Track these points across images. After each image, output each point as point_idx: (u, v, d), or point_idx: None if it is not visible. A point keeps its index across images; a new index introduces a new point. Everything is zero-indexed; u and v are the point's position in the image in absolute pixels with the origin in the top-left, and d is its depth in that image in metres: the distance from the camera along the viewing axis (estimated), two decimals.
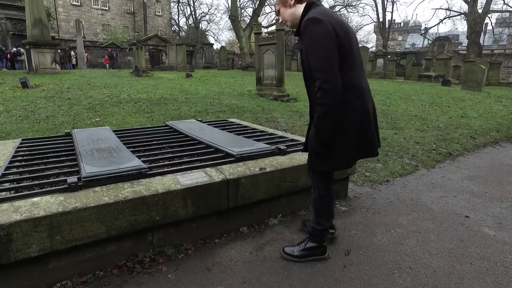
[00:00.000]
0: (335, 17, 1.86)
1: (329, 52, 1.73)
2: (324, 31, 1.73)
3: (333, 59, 1.74)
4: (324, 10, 1.85)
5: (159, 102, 7.35)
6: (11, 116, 5.89)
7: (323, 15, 1.77)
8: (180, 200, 2.19)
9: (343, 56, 1.79)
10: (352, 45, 1.85)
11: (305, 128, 5.82)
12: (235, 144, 2.96)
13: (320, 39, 1.74)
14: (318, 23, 1.75)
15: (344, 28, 1.82)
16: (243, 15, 42.02)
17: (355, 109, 1.85)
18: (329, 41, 1.74)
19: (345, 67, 1.79)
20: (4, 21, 22.26)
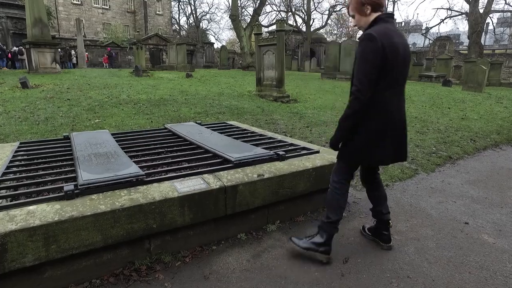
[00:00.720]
0: (391, 37, 2.01)
1: (371, 67, 1.97)
2: (373, 49, 1.96)
3: (371, 74, 1.98)
4: (384, 29, 2.03)
5: (158, 103, 7.33)
6: (10, 117, 5.88)
7: (380, 34, 1.98)
8: (178, 208, 2.18)
9: (384, 74, 2.00)
10: (396, 66, 2.03)
11: (304, 130, 5.81)
12: (234, 149, 2.95)
13: (368, 55, 1.98)
14: (371, 40, 1.97)
15: (395, 50, 2.01)
16: (244, 14, 41.98)
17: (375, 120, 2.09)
18: (374, 59, 1.96)
19: (382, 83, 2.02)
20: (5, 20, 22.24)
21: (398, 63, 2.04)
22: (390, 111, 2.10)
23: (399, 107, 2.17)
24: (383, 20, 2.07)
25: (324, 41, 37.89)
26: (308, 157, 3.05)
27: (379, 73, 1.98)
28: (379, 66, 1.97)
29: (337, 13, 41.64)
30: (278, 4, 41.72)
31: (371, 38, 1.97)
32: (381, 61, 1.96)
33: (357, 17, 2.17)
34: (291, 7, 39.21)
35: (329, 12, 39.90)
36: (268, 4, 36.60)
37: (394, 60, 2.00)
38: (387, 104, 2.09)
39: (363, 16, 2.14)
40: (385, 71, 1.99)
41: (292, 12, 39.62)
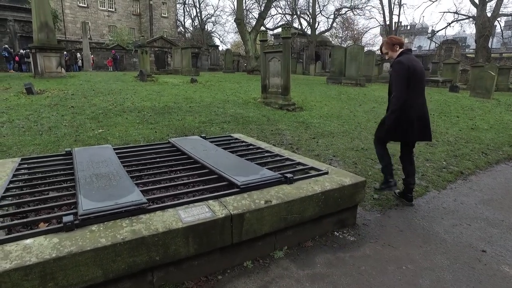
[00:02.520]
0: (413, 62, 3.31)
1: (402, 81, 3.26)
2: (403, 70, 3.25)
3: (403, 85, 3.25)
4: (408, 57, 3.33)
5: (163, 111, 7.25)
6: (14, 127, 5.82)
7: (405, 60, 3.29)
8: (182, 239, 2.08)
9: (409, 84, 3.26)
10: (416, 80, 3.30)
11: (311, 142, 5.69)
12: (240, 171, 2.85)
13: (400, 73, 3.27)
14: (401, 64, 3.28)
15: (415, 69, 3.28)
16: (249, 17, 41.98)
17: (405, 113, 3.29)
18: (404, 76, 3.25)
19: (409, 90, 3.26)
20: (12, 23, 22.39)
21: (417, 77, 3.31)
22: (415, 108, 3.32)
23: (421, 105, 3.40)
24: (405, 53, 3.39)
25: (329, 44, 37.76)
26: (316, 179, 2.93)
27: (407, 83, 3.24)
28: (407, 79, 3.24)
29: (342, 16, 41.49)
30: (283, 7, 41.70)
31: (400, 63, 3.29)
32: (408, 76, 3.24)
33: (390, 53, 3.50)
34: (296, 10, 39.15)
35: (334, 15, 39.77)
36: (273, 7, 36.56)
37: (415, 75, 3.28)
38: (413, 103, 3.31)
39: (393, 52, 3.48)
40: (410, 82, 3.25)
41: (297, 15, 39.57)
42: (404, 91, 3.23)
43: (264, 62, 9.13)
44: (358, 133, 6.48)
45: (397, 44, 3.44)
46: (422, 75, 3.36)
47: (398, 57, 3.37)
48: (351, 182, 2.95)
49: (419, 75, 3.31)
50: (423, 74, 3.38)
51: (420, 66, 3.38)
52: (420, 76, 3.32)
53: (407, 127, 3.33)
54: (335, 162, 4.76)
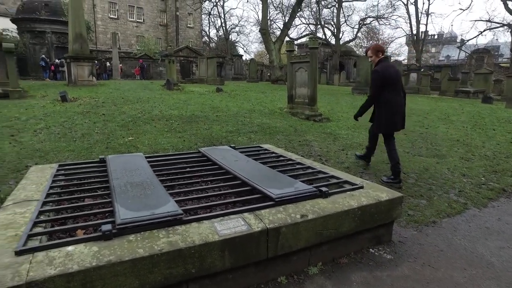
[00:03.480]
0: (388, 69, 4.23)
1: (377, 86, 4.21)
2: (378, 77, 4.19)
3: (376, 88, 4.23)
4: (384, 65, 4.24)
5: (190, 120, 7.34)
6: (50, 133, 6.04)
7: (381, 69, 4.20)
8: (218, 252, 2.05)
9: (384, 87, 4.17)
10: (392, 83, 4.20)
11: (340, 154, 5.58)
12: (273, 183, 2.80)
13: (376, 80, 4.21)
14: (377, 73, 4.21)
15: (389, 75, 4.18)
16: (273, 27, 42.29)
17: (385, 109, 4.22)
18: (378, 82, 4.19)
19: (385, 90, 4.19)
20: (50, 35, 23.54)
21: (393, 80, 4.19)
22: (395, 103, 4.22)
23: (399, 100, 4.27)
24: (382, 60, 4.29)
25: (353, 54, 37.40)
26: (352, 193, 2.84)
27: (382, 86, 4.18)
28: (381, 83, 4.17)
29: (367, 26, 41.04)
30: (307, 17, 41.76)
31: (376, 71, 4.20)
32: (381, 82, 4.16)
33: (374, 57, 4.34)
34: (321, 20, 39.11)
35: (359, 25, 39.45)
36: (297, 17, 36.68)
37: (390, 79, 4.17)
38: (392, 99, 4.21)
39: (377, 57, 4.32)
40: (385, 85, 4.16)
41: (321, 25, 39.50)
42: (376, 92, 4.25)
43: (291, 72, 9.11)
44: None
45: (381, 51, 4.35)
46: (397, 77, 4.26)
47: (377, 64, 4.29)
48: (388, 197, 2.85)
49: (393, 78, 4.20)
50: (398, 76, 4.29)
51: (394, 70, 4.28)
52: (395, 78, 4.21)
53: (395, 120, 4.25)
54: (366, 175, 4.63)
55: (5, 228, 2.09)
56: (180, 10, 46.35)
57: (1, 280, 1.59)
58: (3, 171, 4.19)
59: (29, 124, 6.72)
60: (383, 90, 4.17)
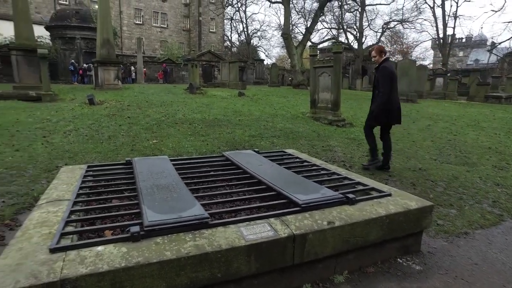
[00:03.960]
0: (392, 68, 4.70)
1: (388, 82, 4.54)
2: (389, 74, 4.57)
3: (388, 84, 4.55)
4: (389, 64, 4.69)
5: (213, 123, 7.41)
6: (79, 135, 6.24)
7: (388, 66, 4.62)
8: (244, 257, 2.04)
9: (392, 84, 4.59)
10: (395, 81, 4.64)
11: (364, 160, 5.47)
12: (299, 189, 2.77)
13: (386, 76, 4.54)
14: (387, 69, 4.58)
15: (394, 74, 4.66)
16: (295, 32, 42.22)
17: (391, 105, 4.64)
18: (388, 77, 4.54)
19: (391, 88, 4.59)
20: (79, 41, 24.50)
21: (395, 79, 4.64)
22: (395, 100, 4.66)
23: (397, 98, 4.75)
24: (386, 60, 4.68)
25: None
26: (379, 201, 2.77)
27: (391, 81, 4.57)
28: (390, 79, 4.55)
29: (391, 30, 40.28)
30: (329, 21, 41.45)
31: (386, 68, 4.56)
32: (391, 77, 4.55)
33: (378, 58, 4.69)
34: (343, 25, 38.73)
35: (382, 29, 38.80)
36: (319, 21, 36.48)
37: (394, 78, 4.61)
38: (393, 97, 4.62)
39: (380, 57, 4.68)
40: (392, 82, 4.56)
41: (343, 30, 39.11)
42: (389, 89, 4.53)
43: (314, 77, 9.05)
44: (414, 152, 6.13)
45: (384, 52, 4.74)
46: (397, 77, 4.79)
47: (382, 63, 4.65)
48: (417, 206, 2.75)
49: (396, 78, 4.68)
50: (397, 77, 4.84)
51: (395, 70, 4.81)
52: (396, 78, 4.73)
53: (390, 113, 4.66)
54: (391, 182, 4.51)
55: (40, 226, 2.16)
56: (203, 15, 47.13)
57: (38, 275, 1.64)
58: (36, 171, 4.35)
59: (59, 126, 6.97)
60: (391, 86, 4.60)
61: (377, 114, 4.67)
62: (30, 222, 2.26)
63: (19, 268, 1.70)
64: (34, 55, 11.52)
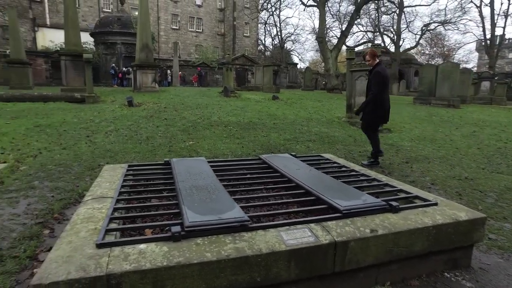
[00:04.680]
0: (385, 71, 5.13)
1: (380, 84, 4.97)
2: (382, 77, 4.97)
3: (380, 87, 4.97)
4: (382, 68, 5.09)
5: (248, 126, 7.44)
6: (119, 135, 6.49)
7: (382, 70, 5.01)
8: (284, 262, 2.00)
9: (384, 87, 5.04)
10: (387, 84, 5.10)
11: (403, 167, 5.25)
12: (339, 194, 2.69)
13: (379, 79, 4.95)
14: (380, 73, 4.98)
15: (387, 77, 5.07)
16: (329, 35, 41.68)
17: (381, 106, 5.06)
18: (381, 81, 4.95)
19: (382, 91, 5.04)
20: (120, 46, 25.70)
21: (387, 82, 5.07)
22: (386, 101, 5.10)
23: (388, 99, 5.14)
24: (379, 64, 5.07)
25: (414, 62, 35.51)
26: (424, 210, 2.63)
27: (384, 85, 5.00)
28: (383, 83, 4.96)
29: (431, 32, 38.67)
30: (365, 24, 40.55)
31: (380, 72, 4.95)
32: (383, 81, 4.96)
33: (372, 61, 5.06)
34: (379, 27, 37.74)
35: (422, 31, 37.37)
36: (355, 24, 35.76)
37: (386, 81, 5.03)
38: (385, 99, 5.07)
39: (374, 61, 5.05)
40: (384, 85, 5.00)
41: (380, 32, 38.12)
42: (380, 90, 4.96)
43: (350, 81, 8.85)
44: (459, 160, 5.80)
45: (376, 56, 5.12)
46: (389, 80, 5.18)
47: (376, 66, 5.05)
48: (467, 217, 2.58)
49: (388, 81, 5.11)
50: (389, 79, 5.41)
51: (388, 73, 5.28)
52: (388, 81, 5.13)
53: (384, 115, 5.14)
54: (434, 191, 4.28)
55: (86, 221, 2.24)
56: (237, 19, 47.82)
57: (86, 269, 1.70)
58: (81, 169, 4.56)
59: (101, 126, 7.30)
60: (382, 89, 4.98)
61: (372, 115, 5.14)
62: (77, 217, 2.35)
63: (70, 260, 1.77)
64: (80, 59, 12.21)
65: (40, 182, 4.03)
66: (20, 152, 5.16)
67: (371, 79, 5.04)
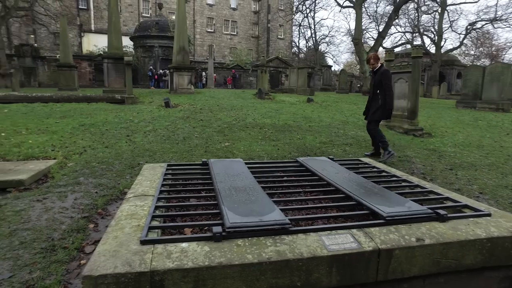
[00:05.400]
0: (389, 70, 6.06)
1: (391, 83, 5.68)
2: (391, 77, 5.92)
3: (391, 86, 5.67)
4: (386, 69, 5.74)
5: (283, 129, 7.40)
6: (157, 135, 6.69)
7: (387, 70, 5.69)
8: (325, 268, 1.95)
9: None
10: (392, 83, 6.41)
11: (447, 174, 4.98)
12: (381, 200, 2.59)
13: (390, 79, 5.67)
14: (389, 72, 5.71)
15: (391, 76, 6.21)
16: (365, 37, 40.66)
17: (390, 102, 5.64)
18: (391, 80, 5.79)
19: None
20: (157, 49, 26.67)
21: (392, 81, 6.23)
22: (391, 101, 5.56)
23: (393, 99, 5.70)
24: (383, 65, 5.69)
25: (457, 63, 33.77)
26: (476, 221, 2.46)
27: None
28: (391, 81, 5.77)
29: (478, 31, 36.52)
30: (403, 25, 39.13)
31: (388, 71, 5.65)
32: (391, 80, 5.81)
33: (375, 64, 5.59)
34: (419, 28, 36.26)
35: (466, 30, 35.42)
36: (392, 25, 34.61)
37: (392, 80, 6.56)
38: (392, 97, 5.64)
39: (377, 64, 5.60)
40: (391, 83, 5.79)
41: (419, 33, 36.61)
42: (391, 89, 5.56)
43: None
44: (511, 168, 5.41)
45: (379, 59, 5.74)
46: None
47: (380, 68, 5.60)
48: None
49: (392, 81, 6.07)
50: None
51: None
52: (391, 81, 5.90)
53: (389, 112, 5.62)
54: (484, 200, 4.02)
55: (130, 218, 2.31)
56: (271, 22, 47.95)
57: (132, 264, 1.75)
58: (121, 167, 4.74)
59: (140, 126, 7.56)
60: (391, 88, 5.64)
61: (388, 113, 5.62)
62: (121, 213, 2.43)
63: (116, 255, 1.82)
64: (121, 62, 12.77)
65: (85, 178, 4.23)
66: (67, 150, 5.46)
67: (380, 80, 5.52)
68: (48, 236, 2.75)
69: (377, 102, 5.55)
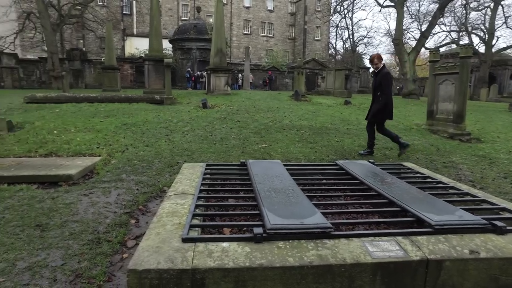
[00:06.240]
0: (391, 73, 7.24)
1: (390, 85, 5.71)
2: (391, 79, 5.81)
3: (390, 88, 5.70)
4: (387, 70, 5.81)
5: (320, 131, 7.28)
6: (195, 135, 6.83)
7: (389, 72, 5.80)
8: (369, 275, 1.87)
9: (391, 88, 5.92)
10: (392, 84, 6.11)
11: (501, 183, 4.64)
12: (427, 207, 2.45)
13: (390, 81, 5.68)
14: (389, 74, 5.76)
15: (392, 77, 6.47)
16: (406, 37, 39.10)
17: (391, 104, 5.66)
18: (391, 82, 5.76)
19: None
20: (195, 51, 27.33)
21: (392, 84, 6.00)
22: (392, 100, 5.63)
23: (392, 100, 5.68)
24: (384, 65, 5.75)
25: (510, 63, 31.45)
26: None
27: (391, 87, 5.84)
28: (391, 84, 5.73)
29: None
30: (448, 24, 37.13)
31: (389, 73, 5.69)
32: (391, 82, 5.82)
33: (379, 64, 5.60)
34: (467, 26, 34.22)
35: None
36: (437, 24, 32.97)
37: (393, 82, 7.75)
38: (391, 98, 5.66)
39: (380, 64, 5.62)
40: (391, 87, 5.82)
41: (467, 31, 34.55)
42: (390, 91, 5.63)
43: (433, 85, 8.15)
44: None
45: (382, 59, 5.69)
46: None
47: (382, 69, 5.62)
48: None
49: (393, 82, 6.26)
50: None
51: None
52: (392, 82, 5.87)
53: (390, 112, 5.59)
54: None
55: (171, 215, 2.36)
56: (308, 23, 47.52)
57: (174, 261, 1.78)
58: (161, 165, 4.88)
59: (178, 126, 7.75)
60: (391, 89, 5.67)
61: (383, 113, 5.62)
62: (162, 210, 2.49)
63: (159, 251, 1.86)
64: (161, 64, 13.21)
65: (127, 175, 4.39)
66: (111, 147, 5.71)
67: (381, 81, 5.54)
68: (94, 229, 2.88)
69: (377, 104, 5.59)
